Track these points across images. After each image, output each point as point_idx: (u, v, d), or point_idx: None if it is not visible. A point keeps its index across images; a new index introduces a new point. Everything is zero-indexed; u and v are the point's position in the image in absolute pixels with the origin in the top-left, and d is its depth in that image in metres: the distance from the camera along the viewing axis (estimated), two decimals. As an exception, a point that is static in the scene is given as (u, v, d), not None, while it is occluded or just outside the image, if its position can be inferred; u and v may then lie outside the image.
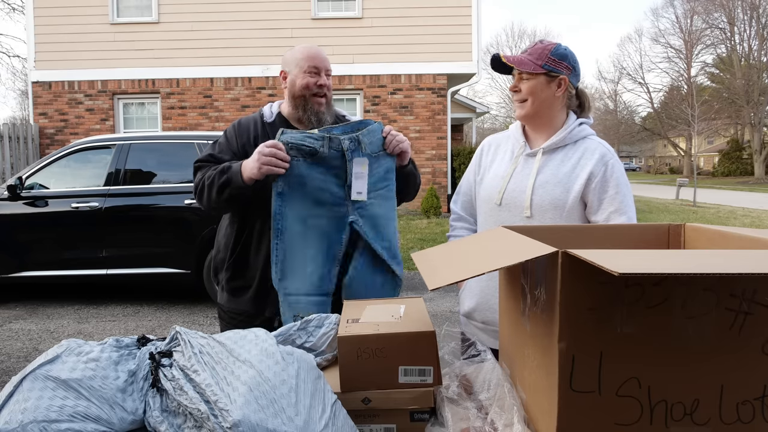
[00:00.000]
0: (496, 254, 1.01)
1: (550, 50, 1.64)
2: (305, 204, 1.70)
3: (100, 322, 5.19)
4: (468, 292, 1.84)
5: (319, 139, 1.69)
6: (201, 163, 1.87)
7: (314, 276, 1.72)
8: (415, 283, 6.40)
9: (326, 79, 1.87)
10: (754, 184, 30.47)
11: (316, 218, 1.72)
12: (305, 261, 1.71)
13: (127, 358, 0.99)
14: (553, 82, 1.66)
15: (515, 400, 0.99)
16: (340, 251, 1.76)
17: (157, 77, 11.72)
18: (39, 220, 5.62)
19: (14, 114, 40.00)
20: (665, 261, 0.76)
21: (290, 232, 1.70)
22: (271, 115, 1.92)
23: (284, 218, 1.69)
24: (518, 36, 44.70)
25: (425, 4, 11.57)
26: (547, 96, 1.67)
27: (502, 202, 1.72)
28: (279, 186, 1.68)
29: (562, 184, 1.66)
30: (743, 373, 0.84)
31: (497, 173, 1.77)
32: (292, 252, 1.70)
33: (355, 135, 1.74)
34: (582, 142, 1.71)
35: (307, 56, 1.86)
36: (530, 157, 1.73)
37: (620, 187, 1.65)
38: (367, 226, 1.78)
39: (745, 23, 35.63)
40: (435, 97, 11.83)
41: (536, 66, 1.64)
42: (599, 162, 1.66)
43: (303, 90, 1.84)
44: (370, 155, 1.76)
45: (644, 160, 63.51)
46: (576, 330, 0.83)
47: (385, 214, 1.82)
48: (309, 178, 1.70)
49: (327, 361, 1.23)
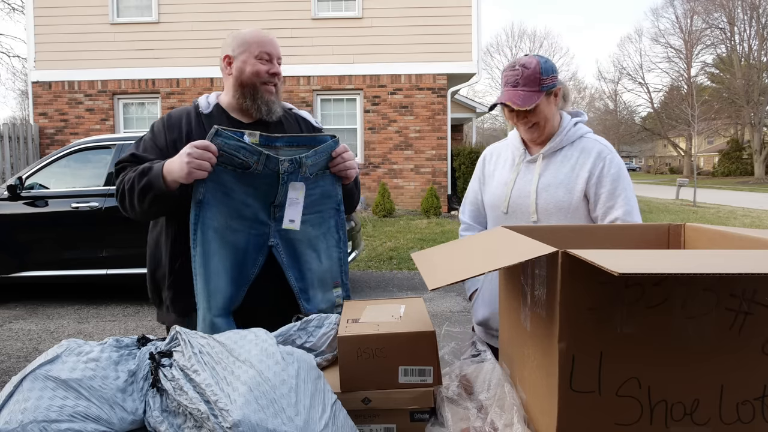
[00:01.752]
0: (496, 254, 1.01)
1: (539, 72, 1.66)
2: (225, 216, 1.53)
3: (100, 322, 5.19)
4: (481, 302, 1.86)
5: (255, 154, 1.50)
6: (122, 164, 1.64)
7: (224, 294, 1.54)
8: (415, 283, 6.40)
9: (278, 67, 1.70)
10: (754, 184, 30.47)
11: (234, 233, 1.54)
12: (217, 277, 1.53)
13: (127, 358, 0.99)
14: (551, 95, 1.71)
15: (515, 400, 0.99)
16: (253, 273, 1.58)
17: (157, 77, 11.73)
18: (39, 220, 5.62)
19: (14, 114, 40.03)
20: (665, 261, 0.76)
21: (206, 244, 1.51)
22: (208, 106, 1.71)
23: (201, 229, 1.50)
24: (518, 36, 44.73)
25: (425, 4, 11.57)
26: (549, 111, 1.72)
27: (508, 210, 1.76)
28: (199, 193, 1.49)
29: (564, 186, 1.68)
30: (743, 373, 0.84)
31: (500, 181, 1.81)
32: (206, 267, 1.52)
33: (297, 157, 1.55)
34: (579, 141, 1.74)
35: (258, 41, 1.67)
36: (531, 163, 1.76)
37: (618, 182, 1.67)
38: (286, 252, 1.61)
39: (745, 23, 35.64)
40: (435, 97, 11.83)
41: (539, 94, 1.66)
42: (597, 159, 1.69)
43: (253, 77, 1.65)
44: (308, 177, 1.59)
45: (644, 160, 63.52)
46: (576, 330, 0.83)
47: (310, 242, 1.63)
48: (233, 189, 1.52)
49: (327, 361, 1.23)
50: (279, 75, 1.71)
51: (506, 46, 45.00)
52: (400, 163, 11.88)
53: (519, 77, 1.66)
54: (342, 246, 1.69)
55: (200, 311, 1.53)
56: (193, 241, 1.51)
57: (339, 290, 1.69)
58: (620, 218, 1.64)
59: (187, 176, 1.44)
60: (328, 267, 1.67)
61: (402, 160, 11.86)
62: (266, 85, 1.68)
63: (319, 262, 1.65)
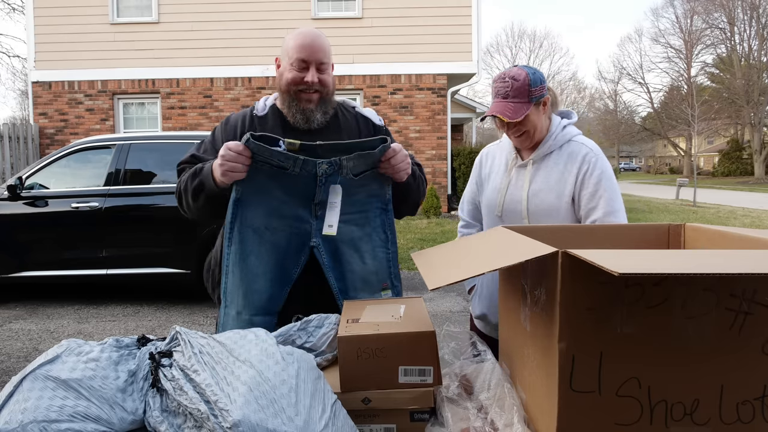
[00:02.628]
0: (496, 254, 1.02)
1: (528, 84, 1.70)
2: (264, 214, 1.50)
3: (100, 322, 5.19)
4: (479, 297, 1.92)
5: (291, 159, 1.45)
6: (182, 166, 1.66)
7: (263, 295, 1.52)
8: (415, 283, 6.40)
9: (317, 74, 1.60)
10: (754, 184, 30.46)
11: (274, 232, 1.51)
12: (255, 277, 1.51)
13: (127, 358, 0.99)
14: (539, 105, 1.76)
15: (515, 400, 0.99)
16: (295, 272, 1.54)
17: (157, 77, 11.72)
18: (39, 220, 5.62)
19: (14, 114, 40.05)
20: (665, 261, 0.76)
21: (243, 243, 1.49)
22: (264, 108, 1.70)
23: (238, 228, 1.49)
24: (518, 36, 44.71)
25: (425, 4, 11.57)
26: (539, 120, 1.77)
27: (502, 214, 1.82)
28: (237, 191, 1.47)
29: (554, 191, 1.74)
30: (743, 373, 0.84)
31: (494, 187, 1.88)
32: (242, 266, 1.50)
33: (338, 159, 1.48)
34: (567, 145, 1.78)
35: (296, 45, 1.59)
36: (522, 168, 1.82)
37: (601, 184, 1.71)
38: (327, 252, 1.56)
39: (745, 23, 35.64)
40: (435, 97, 11.83)
41: (528, 105, 1.71)
42: (582, 162, 1.74)
43: (288, 85, 1.61)
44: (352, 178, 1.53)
45: (644, 160, 63.51)
46: (576, 330, 0.83)
47: (353, 242, 1.57)
48: (272, 188, 1.49)
49: (327, 361, 1.22)
50: (321, 82, 1.61)
51: (506, 46, 45.05)
52: (400, 163, 11.87)
53: (509, 89, 1.71)
54: (390, 246, 1.62)
55: (230, 309, 1.51)
56: (227, 240, 1.49)
57: (389, 292, 1.62)
58: (599, 219, 1.68)
59: (223, 177, 1.43)
60: (373, 268, 1.60)
61: (402, 160, 11.84)
62: (304, 93, 1.61)
63: (362, 263, 1.59)
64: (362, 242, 1.59)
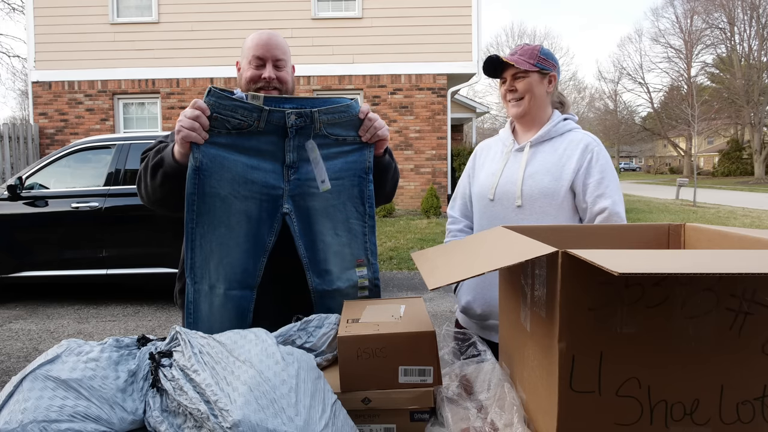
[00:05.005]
0: (496, 254, 1.01)
1: (538, 50, 1.75)
2: (229, 182, 1.39)
3: (100, 322, 5.19)
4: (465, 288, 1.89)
5: (256, 111, 1.36)
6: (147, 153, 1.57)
7: (236, 268, 1.42)
8: (415, 283, 6.40)
9: (274, 71, 1.57)
10: (754, 184, 30.46)
11: (243, 200, 1.41)
12: (227, 249, 1.41)
13: (127, 358, 0.99)
14: (544, 78, 1.77)
15: (515, 400, 0.99)
16: (270, 241, 1.45)
17: (157, 77, 11.73)
18: (39, 220, 5.63)
19: (14, 114, 40.04)
20: (665, 261, 0.76)
21: (209, 215, 1.39)
22: None
23: (202, 198, 1.38)
24: (518, 36, 44.68)
25: (425, 4, 11.58)
26: (540, 92, 1.77)
27: (495, 197, 1.79)
28: (195, 159, 1.36)
29: (551, 174, 1.72)
30: (743, 373, 0.84)
31: (489, 172, 1.85)
32: (209, 238, 1.40)
33: (309, 110, 1.39)
34: (567, 134, 1.79)
35: (251, 45, 1.59)
36: (519, 151, 1.81)
37: (605, 173, 1.71)
38: (298, 220, 1.46)
39: (745, 23, 35.64)
40: (435, 97, 11.83)
41: (530, 65, 1.73)
42: (585, 151, 1.73)
43: (247, 84, 1.58)
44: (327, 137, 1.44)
45: (644, 160, 63.52)
46: (576, 330, 0.83)
47: (326, 211, 1.48)
48: (235, 152, 1.39)
49: (327, 361, 1.22)
50: (278, 79, 1.58)
51: (506, 46, 44.97)
52: (401, 163, 11.88)
53: (518, 49, 1.77)
54: (368, 221, 1.52)
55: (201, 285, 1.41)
56: (190, 212, 1.39)
57: (364, 270, 1.52)
58: (609, 208, 1.67)
59: (182, 140, 1.35)
60: (346, 241, 1.50)
61: (402, 160, 11.86)
62: (263, 90, 1.56)
63: (334, 234, 1.49)
64: (336, 211, 1.49)
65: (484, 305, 1.78)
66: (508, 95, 1.80)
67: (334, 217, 1.49)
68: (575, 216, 1.75)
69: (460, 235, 1.96)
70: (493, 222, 1.76)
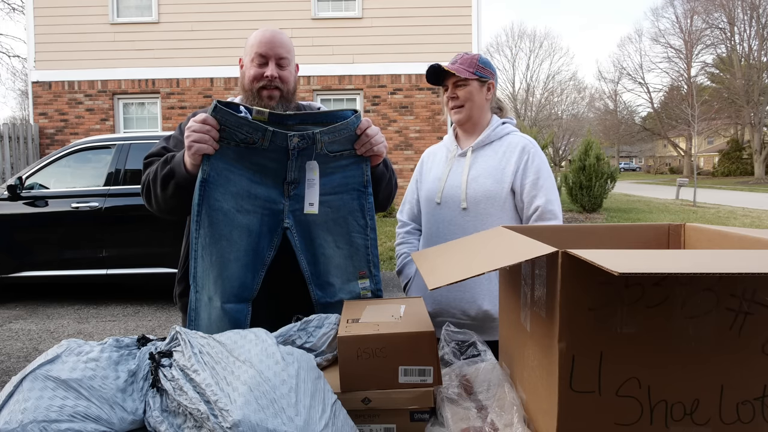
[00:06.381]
0: (496, 254, 1.01)
1: (477, 59, 1.86)
2: (233, 196, 1.42)
3: (100, 322, 5.19)
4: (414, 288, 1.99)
5: (260, 131, 1.39)
6: (151, 158, 1.58)
7: (234, 282, 1.44)
8: (415, 283, 6.38)
9: (277, 69, 1.57)
10: (754, 184, 30.46)
11: (245, 214, 1.43)
12: (226, 262, 1.43)
13: (127, 358, 0.99)
14: (483, 86, 1.88)
15: (515, 400, 0.99)
16: (269, 256, 1.47)
17: (157, 77, 11.73)
18: (39, 220, 5.63)
19: (14, 114, 40.04)
20: (665, 261, 0.76)
21: (212, 227, 1.41)
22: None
23: (207, 211, 1.40)
24: (518, 36, 44.68)
25: (425, 4, 11.58)
26: (479, 99, 1.88)
27: (441, 200, 1.89)
28: (204, 172, 1.39)
29: (493, 177, 1.82)
30: (743, 373, 0.84)
31: (435, 176, 1.95)
32: (210, 251, 1.42)
33: (311, 132, 1.42)
34: (506, 137, 1.90)
35: (254, 42, 1.58)
36: (462, 156, 1.91)
37: (540, 173, 1.81)
38: (299, 235, 1.48)
39: (745, 23, 35.64)
40: (435, 97, 11.83)
41: (470, 73, 1.84)
42: (522, 153, 1.84)
43: (250, 82, 1.58)
44: (327, 155, 1.47)
45: (644, 160, 63.50)
46: (576, 330, 0.83)
47: (326, 225, 1.50)
48: (240, 166, 1.42)
49: (327, 361, 1.22)
50: (281, 78, 1.58)
51: (506, 46, 45.03)
52: (401, 163, 11.88)
53: (459, 58, 1.87)
54: (370, 233, 1.53)
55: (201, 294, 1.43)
56: (195, 223, 1.40)
57: (366, 281, 1.53)
58: (542, 206, 1.78)
59: (193, 153, 1.37)
60: (348, 254, 1.52)
61: (402, 160, 11.86)
62: (265, 89, 1.57)
63: (335, 247, 1.51)
64: (337, 225, 1.51)
65: (434, 303, 1.86)
66: (450, 102, 1.89)
67: (335, 230, 1.51)
68: (517, 216, 1.85)
69: (409, 236, 2.06)
70: (440, 224, 1.88)
